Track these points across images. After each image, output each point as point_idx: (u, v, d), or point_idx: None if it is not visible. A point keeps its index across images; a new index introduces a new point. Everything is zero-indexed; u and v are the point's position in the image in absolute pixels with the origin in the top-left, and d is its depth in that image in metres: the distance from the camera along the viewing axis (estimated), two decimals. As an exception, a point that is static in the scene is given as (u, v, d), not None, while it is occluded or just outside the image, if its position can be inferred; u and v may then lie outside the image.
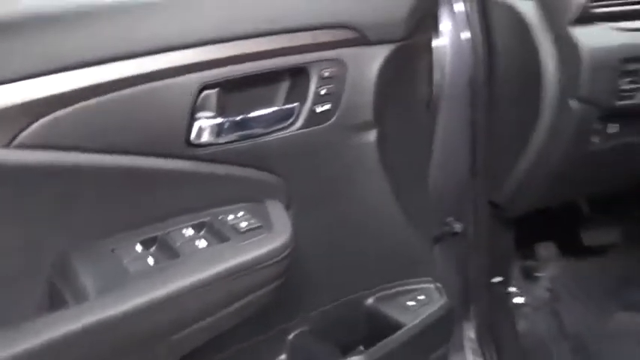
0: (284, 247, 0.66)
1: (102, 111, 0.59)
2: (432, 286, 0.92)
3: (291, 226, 0.68)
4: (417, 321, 0.84)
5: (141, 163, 0.62)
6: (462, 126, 1.01)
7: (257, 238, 0.65)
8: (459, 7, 0.96)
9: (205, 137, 0.66)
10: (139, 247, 0.64)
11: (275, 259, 0.65)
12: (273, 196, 0.73)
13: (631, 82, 0.87)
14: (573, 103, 0.88)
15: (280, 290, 0.68)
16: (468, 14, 0.95)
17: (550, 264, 1.38)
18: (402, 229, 0.88)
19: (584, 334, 1.28)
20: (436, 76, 0.94)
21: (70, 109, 0.57)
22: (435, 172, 1.00)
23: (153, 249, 0.65)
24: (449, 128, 0.99)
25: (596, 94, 0.87)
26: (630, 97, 0.87)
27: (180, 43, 0.62)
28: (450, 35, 0.95)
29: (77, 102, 0.57)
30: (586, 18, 0.86)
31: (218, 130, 0.67)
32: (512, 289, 1.37)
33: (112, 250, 0.63)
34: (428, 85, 0.94)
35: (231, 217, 0.68)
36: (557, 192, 1.04)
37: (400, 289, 0.90)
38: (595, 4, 0.86)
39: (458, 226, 1.08)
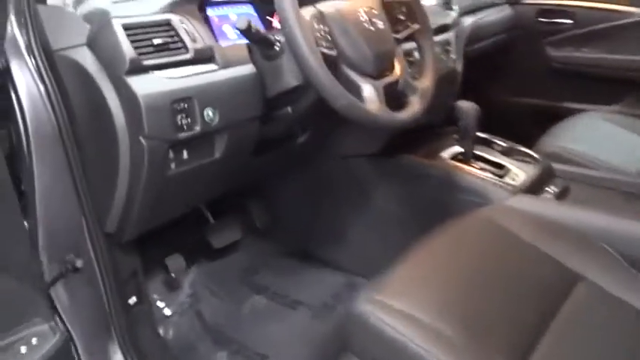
0: None
1: None
2: (45, 326, 0.97)
3: None
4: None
5: None
6: (61, 169, 1.08)
7: None
8: (30, 63, 1.03)
9: None
10: None
11: None
12: None
13: (184, 119, 1.07)
14: (142, 140, 1.03)
15: None
16: (39, 69, 1.02)
17: (187, 272, 1.57)
18: (5, 279, 0.91)
19: (223, 323, 1.51)
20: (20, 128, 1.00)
21: None
22: (46, 216, 1.06)
23: None
24: (48, 174, 1.06)
25: (157, 131, 1.03)
26: (189, 130, 1.08)
27: None
28: (25, 89, 1.02)
29: None
30: (138, 69, 1.02)
31: None
32: (161, 304, 1.52)
33: None
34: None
35: None
36: (158, 213, 1.20)
37: (13, 338, 0.93)
38: (144, 57, 1.04)
39: (79, 262, 1.15)
